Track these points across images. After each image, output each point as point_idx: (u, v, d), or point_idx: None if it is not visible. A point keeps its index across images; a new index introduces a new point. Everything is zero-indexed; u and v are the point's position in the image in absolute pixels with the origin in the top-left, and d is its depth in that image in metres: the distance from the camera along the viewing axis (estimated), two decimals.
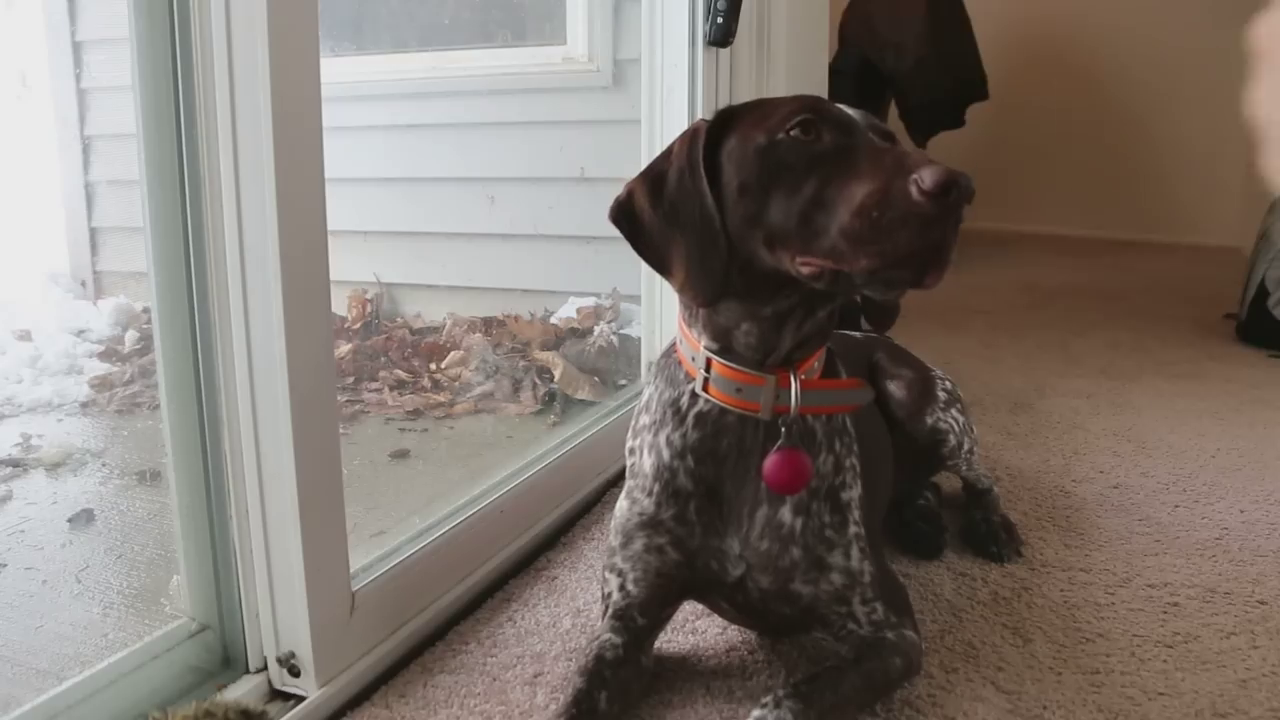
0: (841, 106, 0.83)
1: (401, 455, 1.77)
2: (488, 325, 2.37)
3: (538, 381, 2.01)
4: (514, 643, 1.07)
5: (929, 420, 1.27)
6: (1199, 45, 4.05)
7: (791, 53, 1.93)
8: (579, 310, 2.29)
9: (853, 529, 0.93)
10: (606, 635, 0.96)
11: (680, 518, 0.93)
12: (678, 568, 0.94)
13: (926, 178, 0.70)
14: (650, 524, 0.94)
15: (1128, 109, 4.29)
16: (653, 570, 0.95)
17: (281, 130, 0.84)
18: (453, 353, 2.20)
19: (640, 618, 0.96)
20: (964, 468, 1.32)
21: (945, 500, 1.40)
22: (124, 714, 0.88)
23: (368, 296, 2.51)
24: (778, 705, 0.86)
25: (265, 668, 0.96)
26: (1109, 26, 4.22)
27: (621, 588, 0.96)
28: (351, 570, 1.00)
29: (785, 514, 0.90)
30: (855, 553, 0.92)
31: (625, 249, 0.87)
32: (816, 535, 0.91)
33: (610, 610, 0.97)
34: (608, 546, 0.99)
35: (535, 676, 1.00)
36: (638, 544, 0.95)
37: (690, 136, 0.86)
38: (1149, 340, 2.51)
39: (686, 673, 1.01)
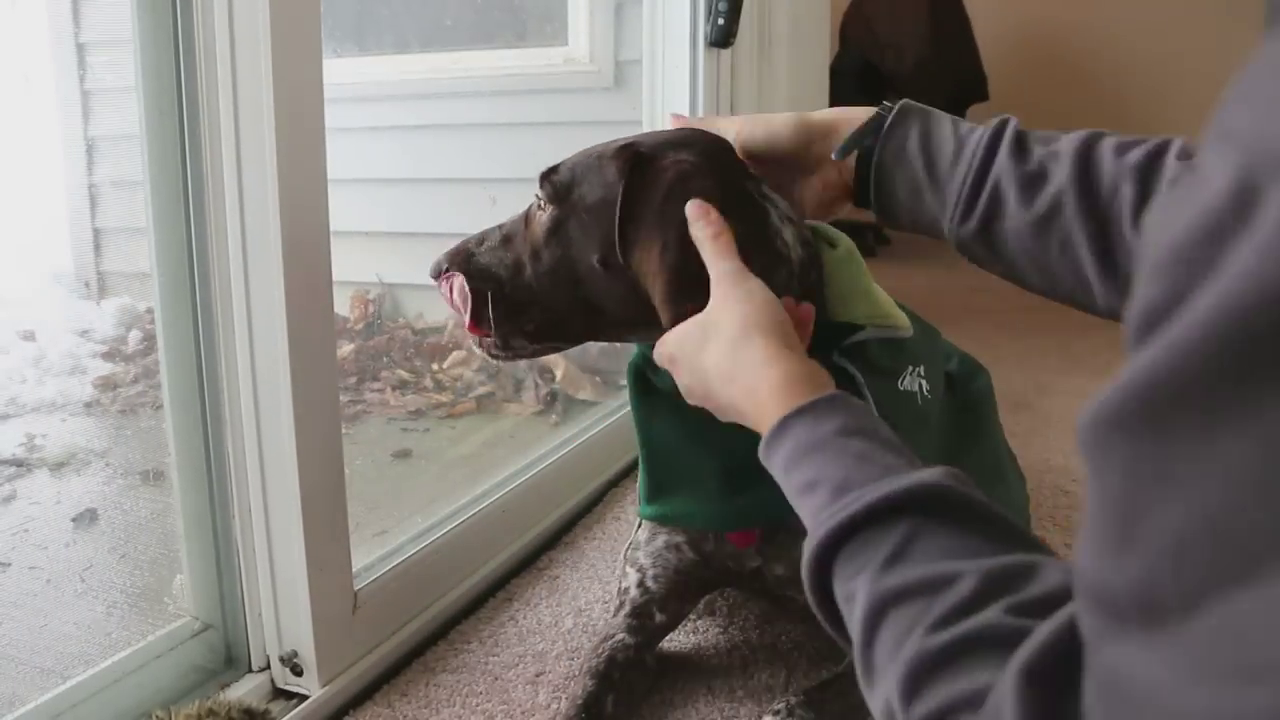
0: None
1: (404, 455, 1.78)
2: None
3: (539, 382, 2.01)
4: (516, 642, 1.07)
5: None
6: (1200, 45, 4.05)
7: (792, 54, 1.94)
8: None
9: None
10: (620, 635, 0.96)
11: None
12: (695, 565, 0.95)
13: None
14: None
15: (1128, 109, 4.28)
16: (671, 568, 0.95)
17: (284, 131, 0.85)
18: (455, 353, 2.20)
19: (659, 614, 0.97)
20: None
21: None
22: (127, 713, 0.88)
23: (370, 297, 2.51)
24: (790, 713, 0.86)
25: (268, 667, 0.97)
26: (1109, 26, 4.22)
27: (640, 584, 0.96)
28: (354, 569, 1.01)
29: None
30: None
31: None
32: None
33: (628, 607, 0.97)
34: (632, 540, 0.99)
35: (537, 676, 1.01)
36: (659, 541, 0.95)
37: None
38: None
39: (689, 672, 1.01)
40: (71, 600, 1.21)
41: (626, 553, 1.00)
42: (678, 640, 1.07)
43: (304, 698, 0.94)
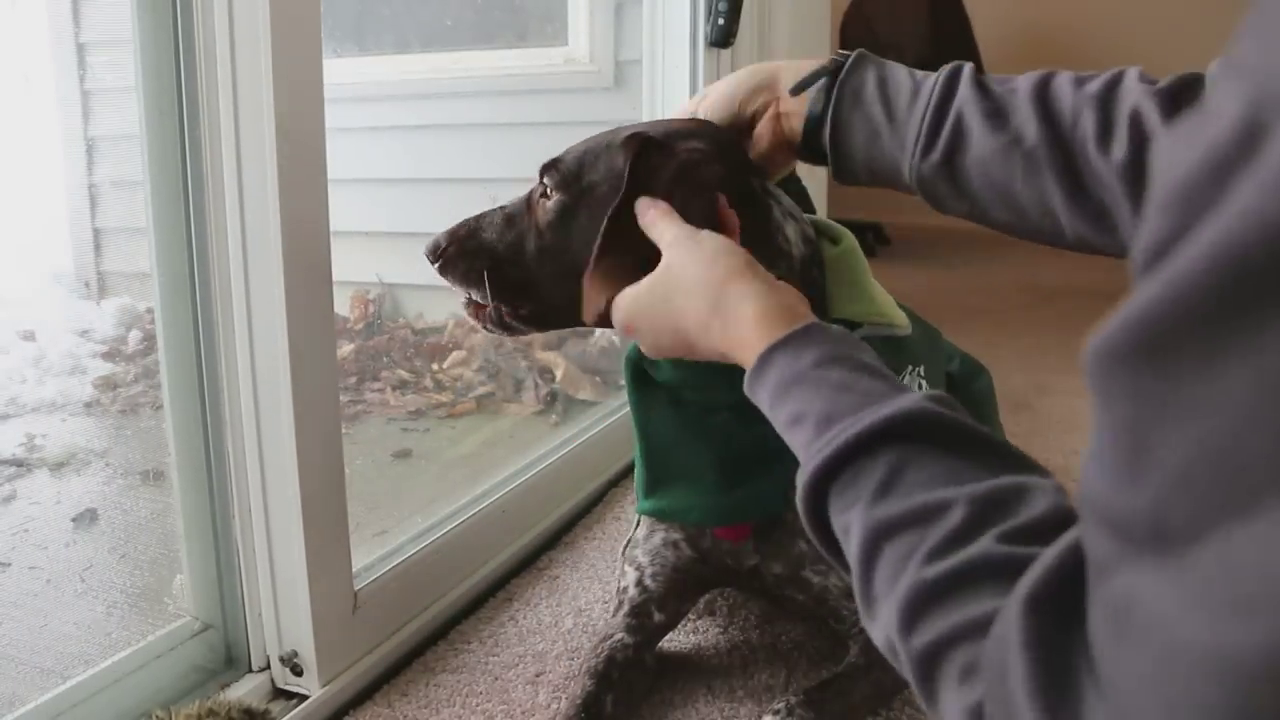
0: None
1: (404, 455, 1.78)
2: None
3: (539, 382, 2.01)
4: (516, 642, 1.07)
5: None
6: (1202, 47, 4.05)
7: (792, 54, 1.93)
8: None
9: None
10: (619, 635, 0.96)
11: None
12: (693, 563, 0.95)
13: None
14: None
15: None
16: (669, 566, 0.95)
17: (284, 131, 0.85)
18: (455, 353, 2.20)
19: (658, 613, 0.97)
20: None
21: None
22: (127, 713, 0.88)
23: (370, 297, 2.51)
24: (790, 713, 0.86)
25: (268, 667, 0.97)
26: (1110, 27, 4.22)
27: (639, 582, 0.96)
28: (354, 569, 1.01)
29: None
30: None
31: None
32: None
33: (626, 607, 0.97)
34: (630, 538, 0.99)
35: (537, 676, 1.01)
36: (657, 538, 0.95)
37: None
38: None
39: (688, 672, 1.02)
40: (71, 600, 1.21)
41: (625, 551, 1.00)
42: (677, 640, 1.07)
43: (304, 698, 0.94)
